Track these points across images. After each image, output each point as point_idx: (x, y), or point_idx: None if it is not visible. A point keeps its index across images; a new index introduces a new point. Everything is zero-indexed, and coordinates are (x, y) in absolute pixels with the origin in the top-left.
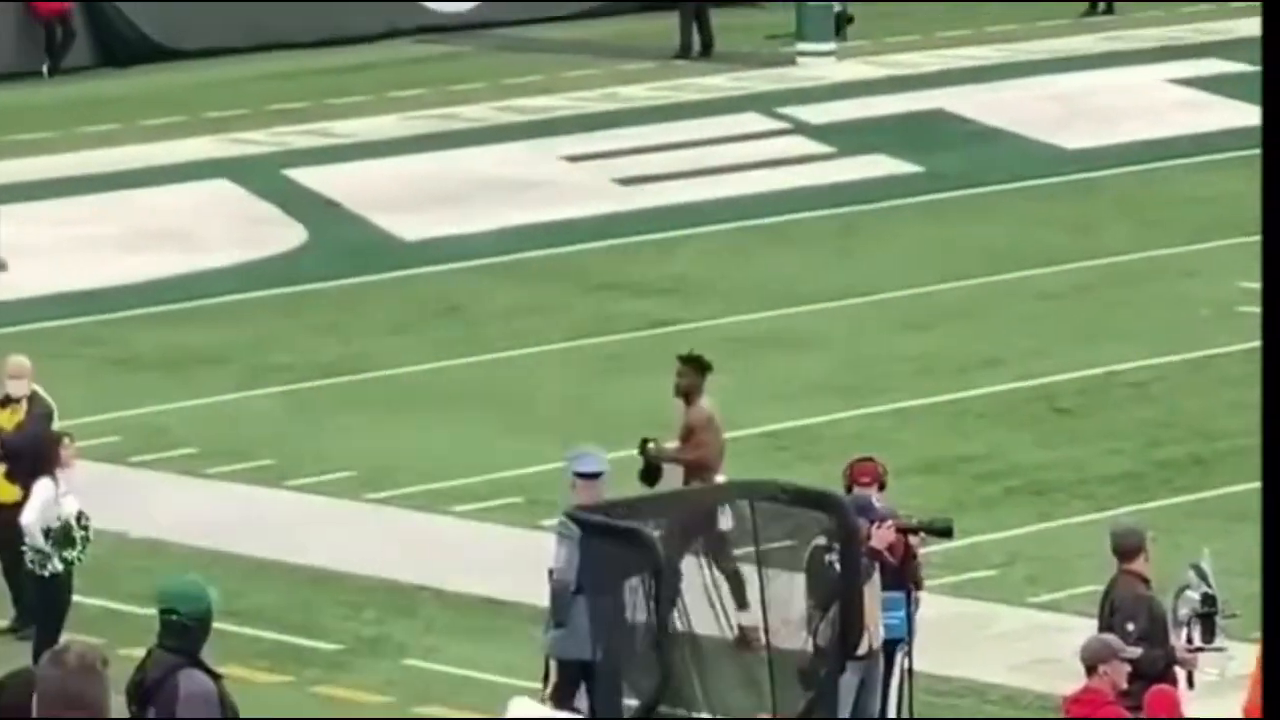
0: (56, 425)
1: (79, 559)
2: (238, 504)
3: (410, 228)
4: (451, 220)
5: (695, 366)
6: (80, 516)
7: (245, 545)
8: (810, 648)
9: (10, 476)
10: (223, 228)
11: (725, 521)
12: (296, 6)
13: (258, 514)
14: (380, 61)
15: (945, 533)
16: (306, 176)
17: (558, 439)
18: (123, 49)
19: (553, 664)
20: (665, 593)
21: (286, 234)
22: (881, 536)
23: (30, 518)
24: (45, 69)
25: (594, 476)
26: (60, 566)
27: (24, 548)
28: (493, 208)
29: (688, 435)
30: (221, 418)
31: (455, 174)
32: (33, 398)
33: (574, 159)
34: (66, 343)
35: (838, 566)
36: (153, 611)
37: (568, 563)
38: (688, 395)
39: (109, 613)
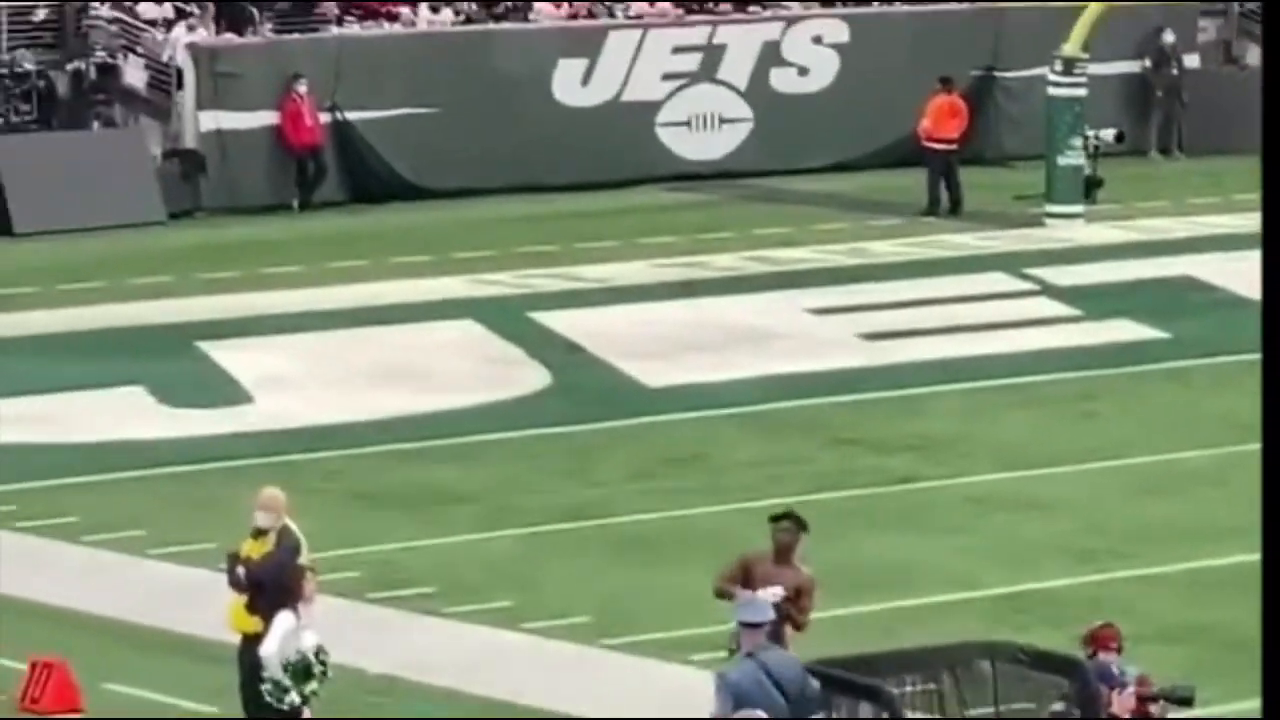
0: (304, 559)
1: (316, 693)
2: (474, 644)
3: (654, 374)
4: (696, 368)
5: (796, 523)
6: (319, 651)
7: (481, 686)
8: None
9: (252, 608)
10: (467, 367)
11: (966, 680)
12: (548, 151)
13: (494, 655)
14: (630, 207)
15: (1186, 701)
16: (552, 319)
17: None
18: (375, 186)
19: None
20: None
21: (530, 376)
22: (1123, 704)
23: (270, 650)
24: (296, 203)
25: (757, 626)
26: (298, 700)
27: (262, 680)
28: (737, 357)
29: (799, 596)
30: (461, 557)
31: (701, 322)
32: (283, 531)
33: (820, 312)
34: (312, 476)
35: None
36: None
37: (720, 714)
38: (788, 552)
39: None
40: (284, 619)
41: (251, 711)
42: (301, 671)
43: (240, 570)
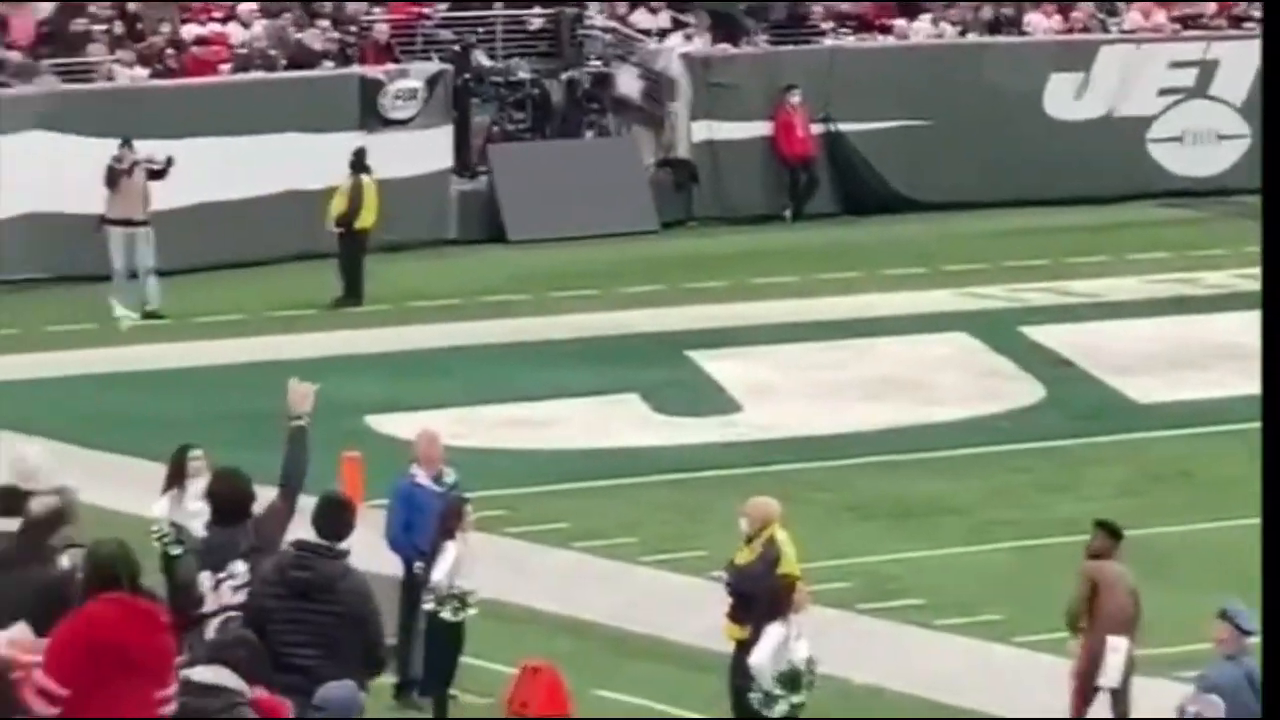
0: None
1: (804, 704)
2: (962, 657)
3: (1144, 390)
4: (1186, 385)
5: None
6: (810, 661)
7: (968, 699)
8: None
9: (735, 616)
10: (958, 380)
11: None
12: (1039, 165)
13: (982, 668)
14: (1122, 223)
15: None
16: (1042, 334)
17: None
18: (867, 197)
19: None
20: None
21: (1020, 390)
22: None
23: (762, 659)
24: (788, 213)
25: (1248, 634)
26: (786, 710)
27: (752, 689)
28: (1227, 375)
29: None
30: (950, 570)
31: (1192, 339)
32: (768, 540)
33: None
34: (802, 486)
35: None
36: None
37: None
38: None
39: None
40: (775, 630)
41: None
42: (791, 681)
43: (728, 579)
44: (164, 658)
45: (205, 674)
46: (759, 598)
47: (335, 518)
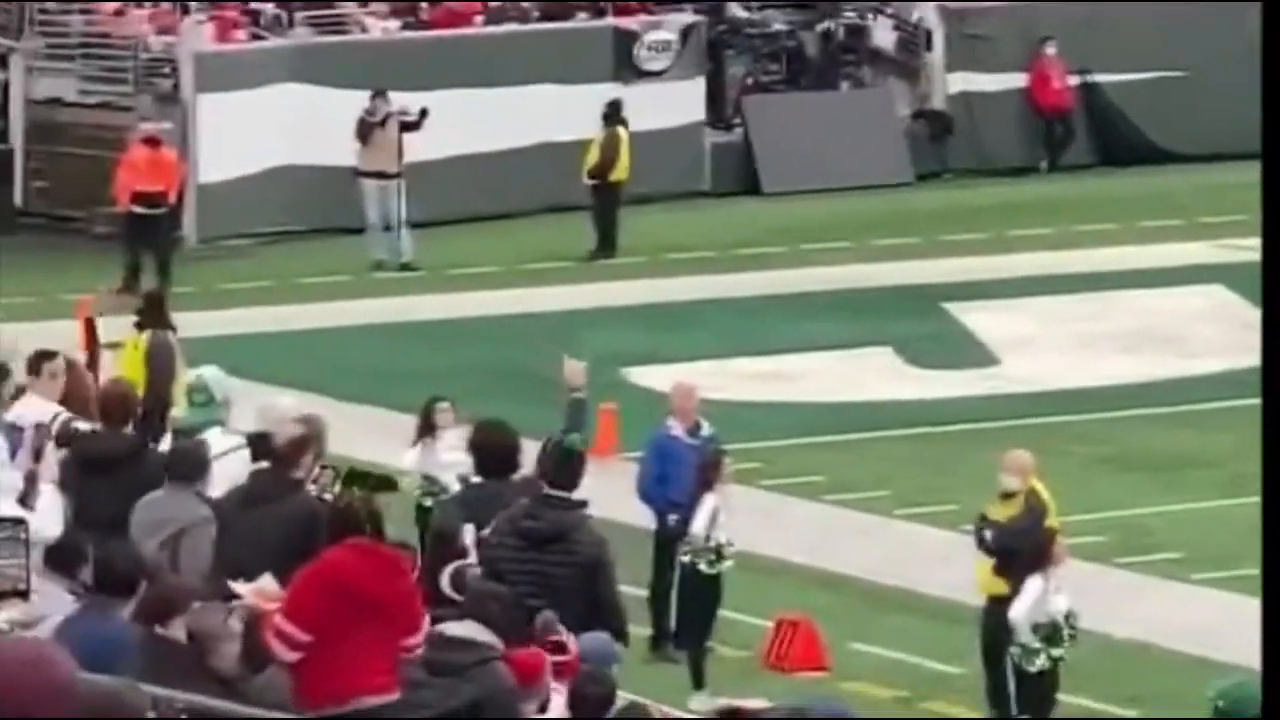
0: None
1: (1064, 658)
2: (1220, 610)
3: None
4: None
5: None
6: (1069, 615)
7: (1223, 653)
8: None
9: (999, 570)
10: (1215, 333)
11: None
12: None
13: (1238, 622)
14: None
15: None
16: None
17: None
18: (1123, 150)
19: None
20: None
21: None
22: None
23: (1021, 613)
24: (1044, 165)
25: None
26: (1046, 663)
27: (1011, 642)
28: None
29: None
30: (1207, 523)
31: None
32: (1030, 493)
33: None
34: (1059, 439)
35: None
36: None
37: None
38: None
39: (1089, 712)
40: (1035, 583)
41: (994, 674)
42: (1051, 635)
43: (987, 533)
44: (409, 604)
45: (457, 628)
46: (1021, 551)
47: (566, 467)
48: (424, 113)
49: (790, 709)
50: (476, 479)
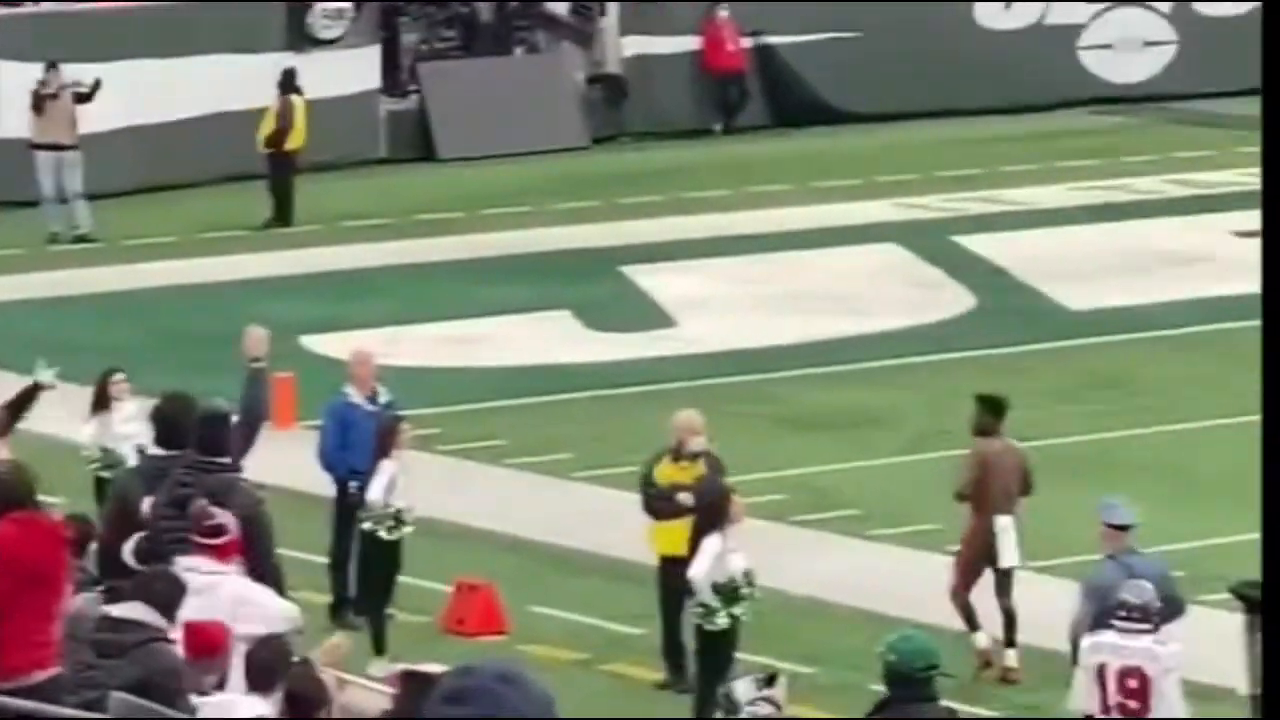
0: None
1: (743, 616)
2: (898, 566)
3: (1076, 298)
4: (1118, 292)
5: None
6: (747, 573)
7: (900, 608)
8: None
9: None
10: (891, 291)
11: None
12: (969, 74)
13: (916, 577)
14: (1052, 131)
15: None
16: (975, 243)
17: (1216, 514)
18: (797, 110)
19: None
20: None
21: (954, 300)
22: None
23: (700, 572)
24: (719, 127)
25: (1123, 529)
26: (726, 622)
27: (690, 602)
28: (1159, 281)
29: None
30: (886, 481)
31: (1123, 246)
32: (708, 454)
33: (1243, 235)
34: (737, 399)
35: None
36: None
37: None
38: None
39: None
40: (712, 542)
41: (673, 633)
42: (730, 594)
43: (682, 496)
44: (67, 574)
45: (123, 609)
46: (698, 511)
47: (212, 432)
48: (97, 84)
49: (460, 668)
50: (155, 450)
